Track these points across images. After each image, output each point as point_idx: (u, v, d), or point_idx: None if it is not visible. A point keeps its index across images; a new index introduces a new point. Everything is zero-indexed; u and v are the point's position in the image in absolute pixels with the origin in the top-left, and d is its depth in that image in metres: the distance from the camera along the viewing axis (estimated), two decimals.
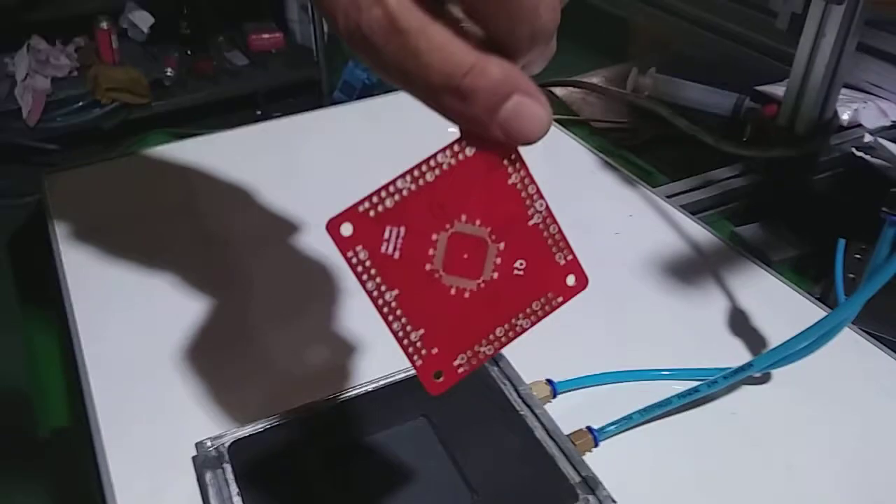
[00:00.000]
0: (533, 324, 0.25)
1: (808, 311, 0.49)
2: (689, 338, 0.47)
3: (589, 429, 0.40)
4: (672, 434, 0.41)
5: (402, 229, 0.22)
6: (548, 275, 0.24)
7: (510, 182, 0.23)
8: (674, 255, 0.54)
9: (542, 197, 0.24)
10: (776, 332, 0.47)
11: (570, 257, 0.26)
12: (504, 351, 0.43)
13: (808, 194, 0.66)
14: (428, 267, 0.22)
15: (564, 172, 0.65)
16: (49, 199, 0.59)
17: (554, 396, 0.42)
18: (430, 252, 0.22)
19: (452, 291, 0.22)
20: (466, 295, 0.23)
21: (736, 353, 0.46)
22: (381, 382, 0.41)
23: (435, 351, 0.23)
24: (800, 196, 0.65)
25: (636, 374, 0.44)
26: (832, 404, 0.43)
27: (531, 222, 0.24)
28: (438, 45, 0.21)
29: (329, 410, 0.40)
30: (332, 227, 0.21)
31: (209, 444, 0.37)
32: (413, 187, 0.22)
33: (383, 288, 0.21)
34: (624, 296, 0.51)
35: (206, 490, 0.36)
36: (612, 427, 0.40)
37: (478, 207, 0.23)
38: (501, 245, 0.23)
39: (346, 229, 0.21)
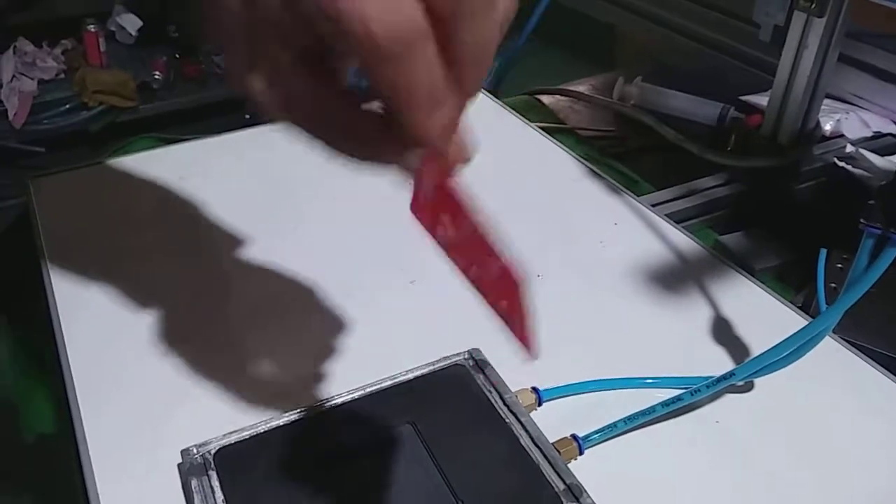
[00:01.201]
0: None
1: (790, 320, 0.50)
2: (673, 346, 0.48)
3: (574, 437, 0.40)
4: (656, 442, 0.42)
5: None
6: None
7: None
8: (658, 264, 0.55)
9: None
10: (758, 341, 0.47)
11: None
12: (489, 358, 0.44)
13: (791, 204, 0.67)
14: None
15: (550, 181, 0.65)
16: (34, 203, 0.59)
17: (539, 404, 0.43)
18: None
19: None
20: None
21: (719, 362, 0.47)
22: (369, 390, 0.42)
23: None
24: (782, 205, 0.66)
25: (621, 382, 0.44)
26: (814, 413, 0.44)
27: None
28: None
29: (315, 417, 0.40)
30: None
31: (195, 451, 0.37)
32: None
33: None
34: (609, 304, 0.51)
35: (192, 497, 0.36)
36: (596, 435, 0.40)
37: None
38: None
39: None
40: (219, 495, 0.35)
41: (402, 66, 0.22)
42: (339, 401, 0.41)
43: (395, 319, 0.49)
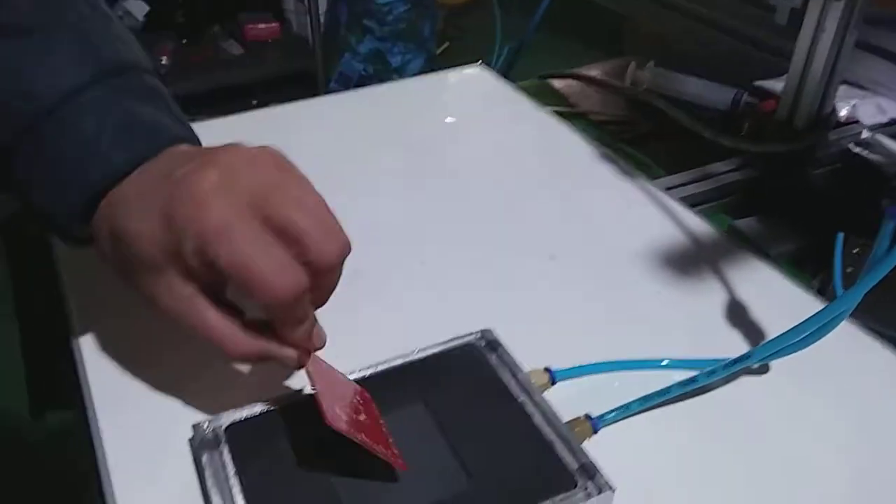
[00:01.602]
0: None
1: (806, 304, 0.50)
2: (688, 329, 0.47)
3: (587, 416, 0.40)
4: (670, 423, 0.41)
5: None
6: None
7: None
8: (672, 247, 0.54)
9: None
10: (774, 324, 0.47)
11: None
12: (503, 337, 0.43)
13: (806, 189, 0.66)
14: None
15: (562, 163, 0.65)
16: None
17: (552, 384, 0.42)
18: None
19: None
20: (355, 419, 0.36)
21: (734, 345, 0.46)
22: (380, 368, 0.41)
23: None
24: (797, 190, 0.65)
25: (635, 364, 0.44)
26: (829, 396, 0.44)
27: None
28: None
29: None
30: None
31: (206, 426, 0.37)
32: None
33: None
34: (622, 286, 0.51)
35: (203, 471, 0.35)
36: (611, 415, 0.40)
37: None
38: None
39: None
40: (230, 469, 0.35)
41: (290, 309, 0.35)
42: (351, 378, 0.40)
43: (405, 300, 0.49)
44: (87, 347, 0.44)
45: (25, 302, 0.74)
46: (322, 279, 0.35)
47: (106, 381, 0.42)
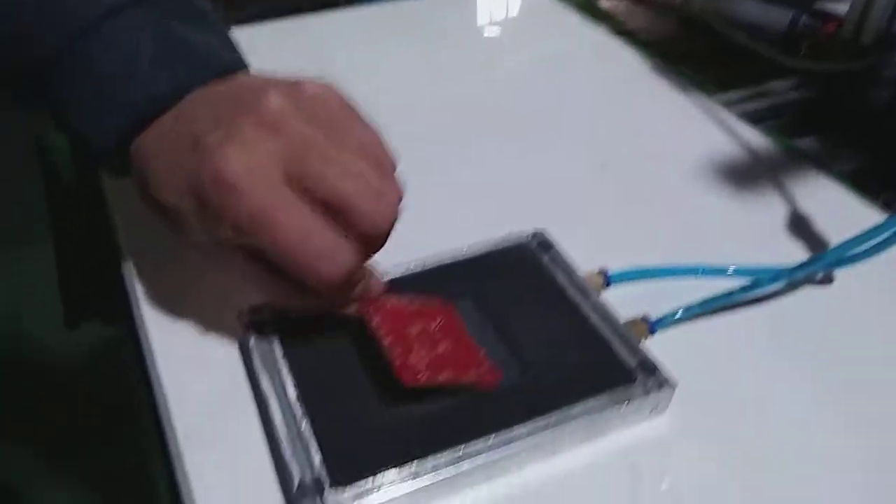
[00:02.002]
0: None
1: (872, 218, 0.47)
2: (747, 240, 0.45)
3: (645, 318, 0.38)
4: (730, 330, 0.40)
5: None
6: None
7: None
8: (730, 159, 0.52)
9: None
10: (838, 238, 0.45)
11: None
12: (555, 235, 0.42)
13: (869, 108, 0.63)
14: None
15: (613, 76, 0.62)
16: None
17: (606, 287, 0.41)
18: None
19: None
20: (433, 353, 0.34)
21: (796, 257, 0.44)
22: (428, 266, 0.40)
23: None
24: (859, 110, 0.62)
25: (695, 270, 0.42)
26: (893, 309, 0.42)
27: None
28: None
29: None
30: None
31: (253, 312, 0.36)
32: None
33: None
34: (677, 197, 0.49)
35: (251, 355, 0.34)
36: (669, 317, 0.38)
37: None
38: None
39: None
40: (279, 353, 0.34)
41: (339, 289, 0.32)
42: (399, 274, 0.39)
43: (451, 203, 0.47)
44: (128, 237, 0.43)
45: (60, 211, 0.74)
46: (372, 243, 0.31)
47: (148, 272, 0.41)
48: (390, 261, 0.40)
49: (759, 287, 0.39)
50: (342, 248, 0.30)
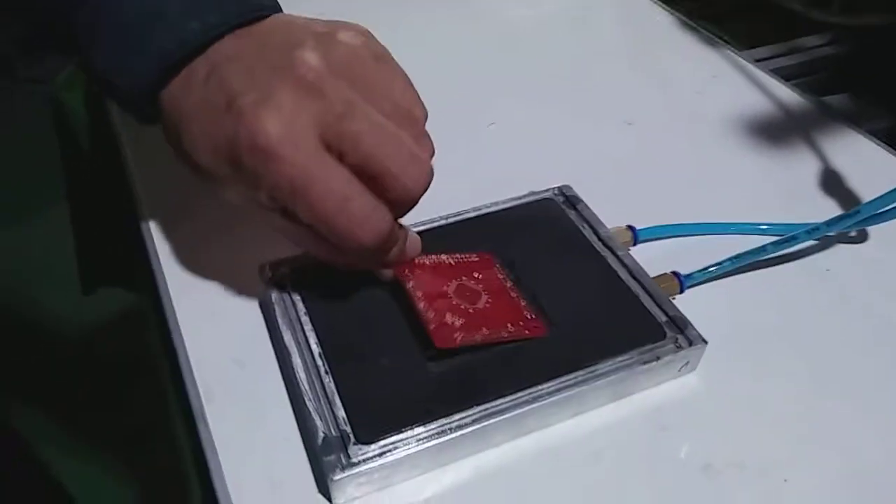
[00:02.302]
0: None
1: None
2: (779, 196, 0.44)
3: (675, 273, 0.37)
4: (762, 287, 0.39)
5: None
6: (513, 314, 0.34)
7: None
8: (759, 116, 0.50)
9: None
10: (873, 194, 0.43)
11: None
12: (582, 194, 0.41)
13: None
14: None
15: (639, 32, 0.60)
16: None
17: (635, 243, 0.40)
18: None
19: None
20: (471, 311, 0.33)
21: (829, 215, 0.43)
22: (451, 220, 0.39)
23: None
24: (893, 66, 0.60)
25: (728, 227, 0.41)
26: None
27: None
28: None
29: None
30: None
31: (275, 266, 0.35)
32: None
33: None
34: (706, 152, 0.48)
35: (272, 309, 0.34)
36: (700, 273, 0.37)
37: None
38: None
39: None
40: (301, 308, 0.34)
41: (376, 251, 0.31)
42: (422, 228, 0.38)
43: (475, 159, 0.46)
44: (149, 203, 0.43)
45: (76, 175, 0.73)
46: (405, 205, 0.31)
47: (167, 230, 0.41)
48: (413, 218, 0.39)
49: (792, 243, 0.38)
50: (379, 212, 0.30)
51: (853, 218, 0.37)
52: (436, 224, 0.39)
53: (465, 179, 0.44)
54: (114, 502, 1.10)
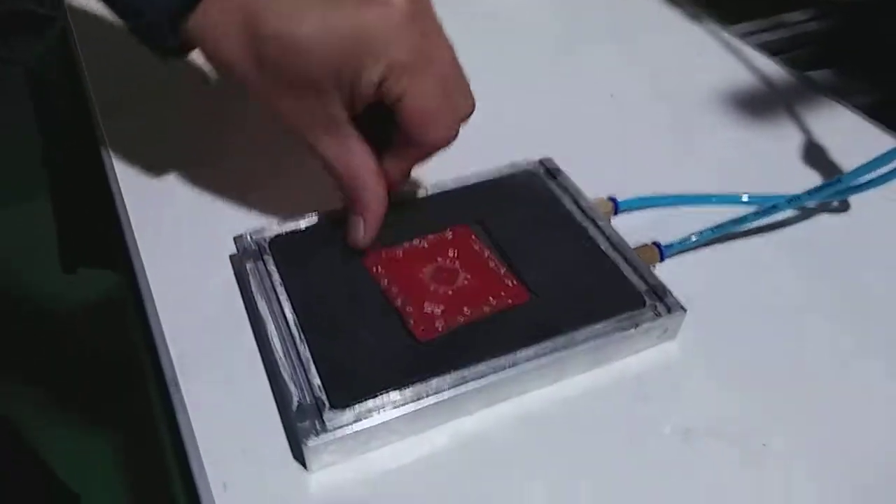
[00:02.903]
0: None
1: (891, 146, 0.45)
2: (762, 168, 0.44)
3: (656, 244, 0.37)
4: (743, 257, 0.38)
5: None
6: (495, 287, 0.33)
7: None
8: (743, 89, 0.50)
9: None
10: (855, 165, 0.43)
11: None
12: (564, 166, 0.40)
13: (888, 42, 0.60)
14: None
15: (625, 7, 0.60)
16: (73, 26, 0.55)
17: (616, 214, 0.39)
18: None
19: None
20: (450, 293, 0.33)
21: (813, 185, 0.42)
22: (432, 192, 0.39)
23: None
24: (879, 42, 0.60)
25: (709, 198, 0.40)
26: None
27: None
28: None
29: None
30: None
31: (249, 237, 0.35)
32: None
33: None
34: (689, 126, 0.47)
35: (247, 279, 0.33)
36: (680, 243, 0.37)
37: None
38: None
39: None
40: (276, 278, 0.33)
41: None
42: (401, 198, 0.38)
43: None
44: (119, 163, 0.42)
45: (53, 155, 0.72)
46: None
47: (142, 196, 0.40)
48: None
49: (772, 212, 0.37)
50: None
51: (834, 187, 0.37)
52: (417, 196, 0.38)
53: (448, 152, 0.43)
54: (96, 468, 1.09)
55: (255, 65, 0.30)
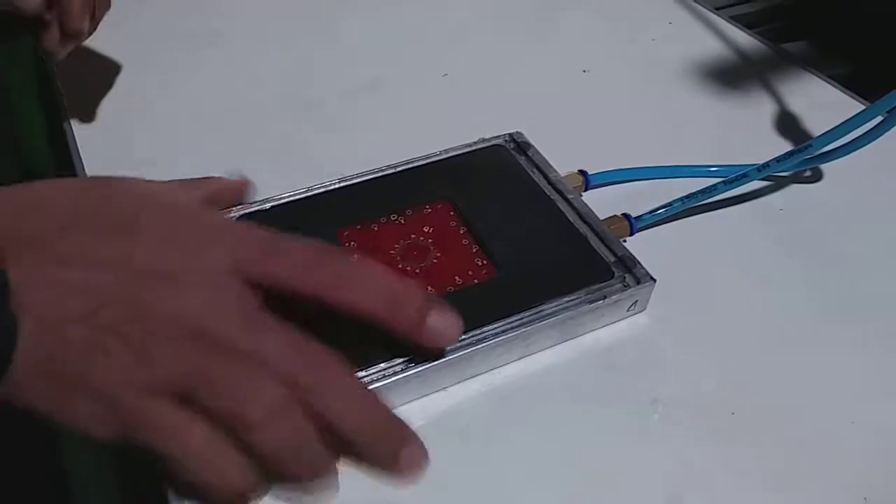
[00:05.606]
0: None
1: None
2: (736, 141, 0.44)
3: (625, 215, 0.37)
4: (715, 228, 0.38)
5: None
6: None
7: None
8: (717, 62, 0.50)
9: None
10: None
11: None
12: (533, 140, 0.40)
13: (863, 12, 0.60)
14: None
15: None
16: None
17: (587, 188, 0.39)
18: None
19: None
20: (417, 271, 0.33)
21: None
22: (401, 168, 0.38)
23: None
24: (854, 14, 0.60)
25: (678, 170, 0.40)
26: (881, 203, 0.40)
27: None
28: None
29: (341, 191, 0.37)
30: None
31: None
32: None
33: None
34: (662, 99, 0.47)
35: None
36: (650, 215, 0.37)
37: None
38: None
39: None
40: None
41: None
42: (371, 176, 0.37)
43: (427, 107, 0.45)
44: (84, 145, 0.42)
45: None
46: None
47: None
48: (362, 167, 0.38)
49: (742, 181, 0.37)
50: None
51: (804, 153, 0.37)
52: (386, 173, 0.38)
53: (417, 129, 0.43)
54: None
55: None
